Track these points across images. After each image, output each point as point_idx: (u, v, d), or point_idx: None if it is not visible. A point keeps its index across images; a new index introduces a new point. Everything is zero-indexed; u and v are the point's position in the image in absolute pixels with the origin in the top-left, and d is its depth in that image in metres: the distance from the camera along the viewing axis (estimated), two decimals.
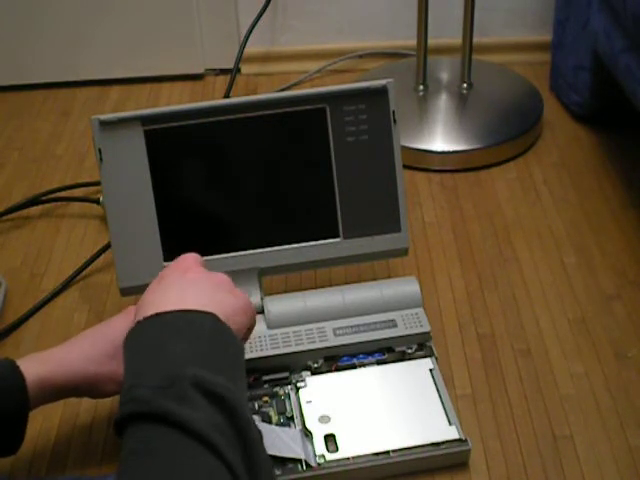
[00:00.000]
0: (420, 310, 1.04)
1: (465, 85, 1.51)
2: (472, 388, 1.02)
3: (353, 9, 1.64)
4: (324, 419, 0.94)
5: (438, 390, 0.97)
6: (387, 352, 1.01)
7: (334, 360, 1.01)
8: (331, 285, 1.14)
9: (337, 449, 0.91)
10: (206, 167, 1.02)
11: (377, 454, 0.91)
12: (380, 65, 1.64)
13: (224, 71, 1.66)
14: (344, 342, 1.01)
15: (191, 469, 0.59)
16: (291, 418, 0.94)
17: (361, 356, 1.01)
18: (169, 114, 1.00)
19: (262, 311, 1.03)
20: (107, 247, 1.19)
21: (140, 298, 0.80)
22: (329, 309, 1.03)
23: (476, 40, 1.47)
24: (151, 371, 0.67)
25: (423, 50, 1.47)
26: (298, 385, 0.98)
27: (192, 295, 0.76)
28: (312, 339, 1.01)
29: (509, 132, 1.42)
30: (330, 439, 0.92)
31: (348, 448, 0.91)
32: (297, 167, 1.03)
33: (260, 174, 1.03)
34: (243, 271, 1.03)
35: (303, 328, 1.02)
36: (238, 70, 1.60)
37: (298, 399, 0.96)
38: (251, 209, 1.04)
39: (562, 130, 1.48)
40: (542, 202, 1.32)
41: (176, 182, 1.02)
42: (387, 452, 0.91)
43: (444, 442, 0.92)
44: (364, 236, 1.05)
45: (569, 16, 1.44)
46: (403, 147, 1.07)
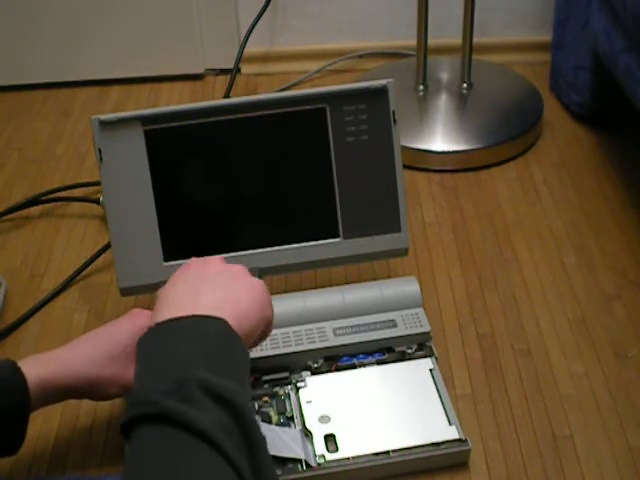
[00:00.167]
0: (420, 310, 1.04)
1: (465, 85, 1.51)
2: (472, 388, 1.02)
3: (353, 9, 1.64)
4: (324, 419, 0.94)
5: (438, 390, 0.97)
6: (387, 352, 1.01)
7: (334, 360, 1.01)
8: (331, 285, 1.14)
9: (337, 449, 0.91)
10: (206, 167, 1.02)
11: (377, 454, 0.91)
12: (380, 65, 1.64)
13: (224, 71, 1.66)
14: (344, 342, 1.01)
15: (197, 469, 0.59)
16: (291, 418, 0.94)
17: (361, 356, 1.01)
18: (169, 114, 1.00)
19: None
20: (107, 247, 1.19)
21: (162, 289, 0.79)
22: (329, 309, 1.03)
23: (476, 40, 1.47)
24: (160, 374, 0.67)
25: (423, 50, 1.47)
26: (298, 385, 0.98)
27: (207, 295, 0.76)
28: (312, 339, 1.01)
29: (509, 132, 1.42)
30: (330, 439, 0.92)
31: (348, 448, 0.91)
32: (297, 167, 1.03)
33: (260, 174, 1.03)
34: None
35: (303, 328, 1.02)
36: (238, 70, 1.60)
37: (298, 399, 0.96)
38: (251, 209, 1.04)
39: (562, 130, 1.48)
40: (542, 202, 1.32)
41: (176, 182, 1.02)
42: (387, 452, 0.91)
43: (444, 442, 0.92)
44: (364, 236, 1.05)
45: (569, 16, 1.44)
46: (403, 147, 1.07)
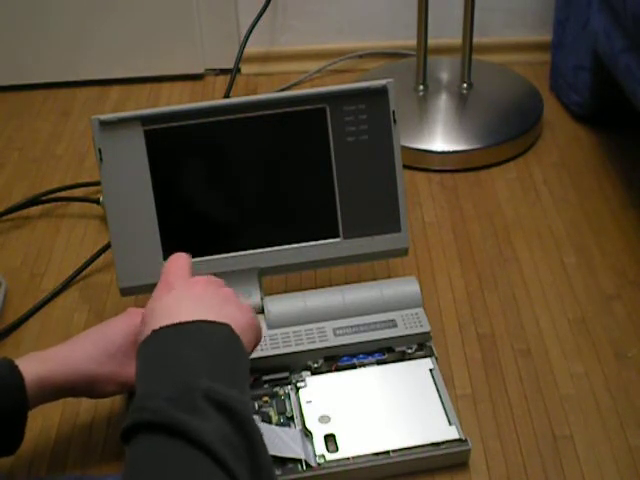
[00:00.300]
0: (420, 310, 1.04)
1: (465, 85, 1.51)
2: (472, 388, 1.02)
3: (353, 9, 1.64)
4: (324, 419, 0.94)
5: (438, 390, 0.97)
6: (387, 352, 1.01)
7: (334, 360, 1.01)
8: (331, 285, 1.14)
9: (337, 449, 0.91)
10: (206, 167, 1.02)
11: (377, 454, 0.91)
12: (380, 65, 1.64)
13: (224, 71, 1.66)
14: (344, 342, 1.01)
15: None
16: (291, 418, 0.94)
17: (361, 356, 1.01)
18: (169, 114, 1.00)
19: (262, 311, 1.02)
20: (107, 247, 1.19)
21: (148, 305, 0.80)
22: (329, 309, 1.03)
23: (476, 40, 1.47)
24: (165, 381, 0.67)
25: (423, 50, 1.47)
26: (298, 385, 0.98)
27: (203, 309, 0.76)
28: (312, 339, 1.01)
29: (509, 132, 1.42)
30: (330, 439, 0.92)
31: (348, 448, 0.91)
32: (297, 167, 1.03)
33: (260, 174, 1.03)
34: (243, 271, 1.03)
35: (303, 328, 1.02)
36: (238, 70, 1.60)
37: (298, 399, 0.96)
38: (251, 209, 1.04)
39: (562, 130, 1.48)
40: (542, 202, 1.32)
41: (176, 182, 1.02)
42: (387, 452, 0.91)
43: (444, 442, 0.92)
44: (364, 236, 1.05)
45: (569, 16, 1.44)
46: (403, 147, 1.07)
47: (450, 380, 1.02)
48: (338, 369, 1.00)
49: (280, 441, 0.90)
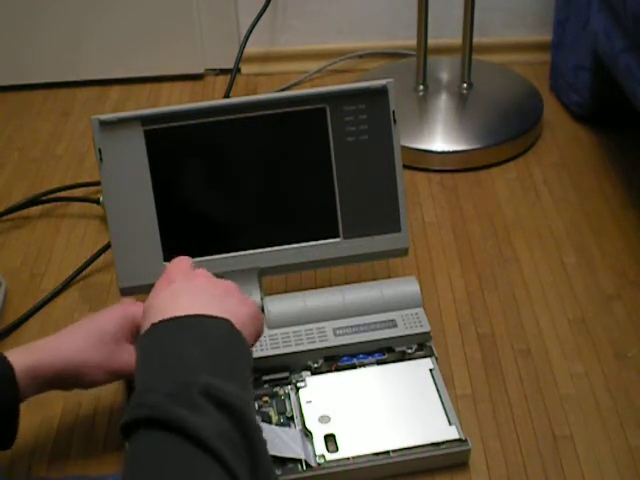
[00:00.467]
0: (420, 310, 1.04)
1: (465, 85, 1.51)
2: (472, 388, 1.02)
3: (353, 9, 1.64)
4: (324, 419, 0.94)
5: (438, 390, 0.97)
6: (387, 352, 1.01)
7: (334, 360, 1.01)
8: (331, 285, 1.14)
9: (337, 449, 0.91)
10: (206, 167, 1.02)
11: (377, 454, 0.91)
12: (380, 65, 1.64)
13: (224, 71, 1.66)
14: (344, 342, 1.01)
15: (193, 476, 0.59)
16: (291, 418, 0.94)
17: (361, 356, 1.01)
18: (169, 114, 1.00)
19: (262, 311, 1.02)
20: (107, 247, 1.19)
21: (148, 298, 0.80)
22: (329, 309, 1.03)
23: (476, 40, 1.47)
24: (164, 377, 0.67)
25: (423, 50, 1.47)
26: (298, 385, 0.98)
27: (203, 302, 0.76)
28: (312, 339, 1.01)
29: (509, 132, 1.42)
30: (330, 439, 0.92)
31: (348, 448, 0.91)
32: (297, 167, 1.03)
33: (260, 174, 1.03)
34: (243, 271, 1.03)
35: (303, 328, 1.02)
36: (238, 70, 1.60)
37: (298, 399, 0.96)
38: (251, 209, 1.04)
39: (562, 130, 1.48)
40: (542, 202, 1.32)
41: (176, 182, 1.02)
42: (387, 452, 0.91)
43: (444, 442, 0.92)
44: (364, 236, 1.05)
45: (569, 16, 1.44)
46: (403, 147, 1.07)
47: (450, 380, 1.02)
48: (338, 369, 1.00)
49: (280, 441, 0.90)
